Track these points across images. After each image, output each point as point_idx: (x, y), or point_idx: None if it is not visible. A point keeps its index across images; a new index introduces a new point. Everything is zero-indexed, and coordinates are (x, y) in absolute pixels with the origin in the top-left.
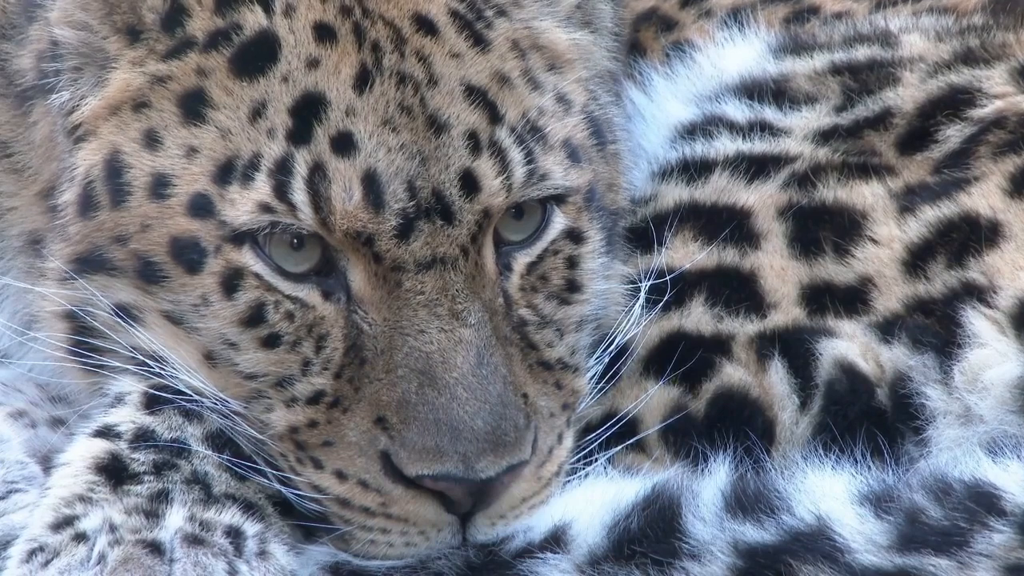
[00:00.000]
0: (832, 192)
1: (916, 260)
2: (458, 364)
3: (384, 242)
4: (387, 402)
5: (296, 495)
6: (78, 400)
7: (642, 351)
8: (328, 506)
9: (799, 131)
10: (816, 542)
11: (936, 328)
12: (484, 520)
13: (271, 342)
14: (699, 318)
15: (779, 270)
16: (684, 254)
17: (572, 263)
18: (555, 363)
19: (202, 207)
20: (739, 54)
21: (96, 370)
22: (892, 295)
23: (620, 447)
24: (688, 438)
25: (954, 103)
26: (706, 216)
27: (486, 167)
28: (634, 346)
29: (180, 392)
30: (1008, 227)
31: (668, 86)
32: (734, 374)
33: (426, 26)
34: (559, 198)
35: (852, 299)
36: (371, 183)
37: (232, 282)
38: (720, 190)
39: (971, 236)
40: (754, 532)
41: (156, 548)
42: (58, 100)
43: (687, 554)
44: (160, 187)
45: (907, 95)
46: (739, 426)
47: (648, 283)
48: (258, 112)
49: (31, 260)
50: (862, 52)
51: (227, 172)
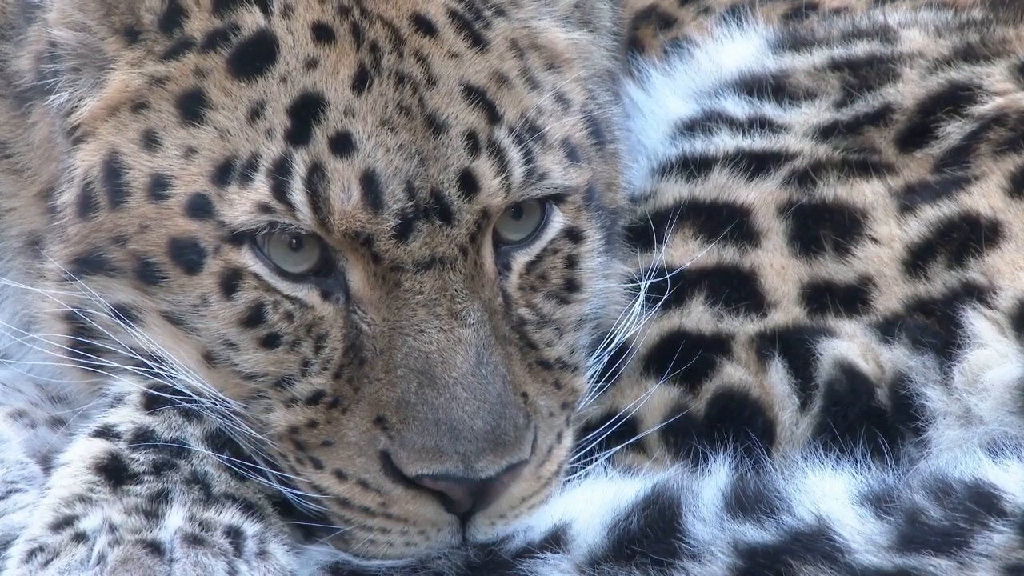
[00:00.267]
0: (832, 190)
1: (916, 260)
2: (457, 364)
3: (383, 242)
4: (386, 402)
5: (296, 495)
6: (78, 400)
7: (642, 350)
8: (328, 506)
9: (799, 127)
10: (816, 542)
11: (936, 328)
12: (484, 520)
13: (270, 342)
14: (699, 317)
15: (779, 269)
16: (684, 252)
17: (571, 262)
18: (554, 362)
19: (201, 208)
20: (738, 50)
21: (95, 370)
22: (892, 295)
23: (620, 447)
24: (688, 438)
25: (954, 100)
26: (706, 214)
27: (485, 167)
28: (634, 345)
29: (179, 392)
30: (1008, 227)
31: (666, 82)
32: (734, 374)
33: (425, 26)
34: (558, 197)
35: (852, 298)
36: (370, 183)
37: (231, 282)
38: (720, 187)
39: (971, 236)
40: (754, 532)
41: (156, 548)
42: (56, 101)
43: (687, 554)
44: (159, 188)
45: (907, 91)
46: (739, 426)
47: (648, 281)
48: (256, 112)
49: (30, 261)
50: (861, 48)
51: (226, 172)
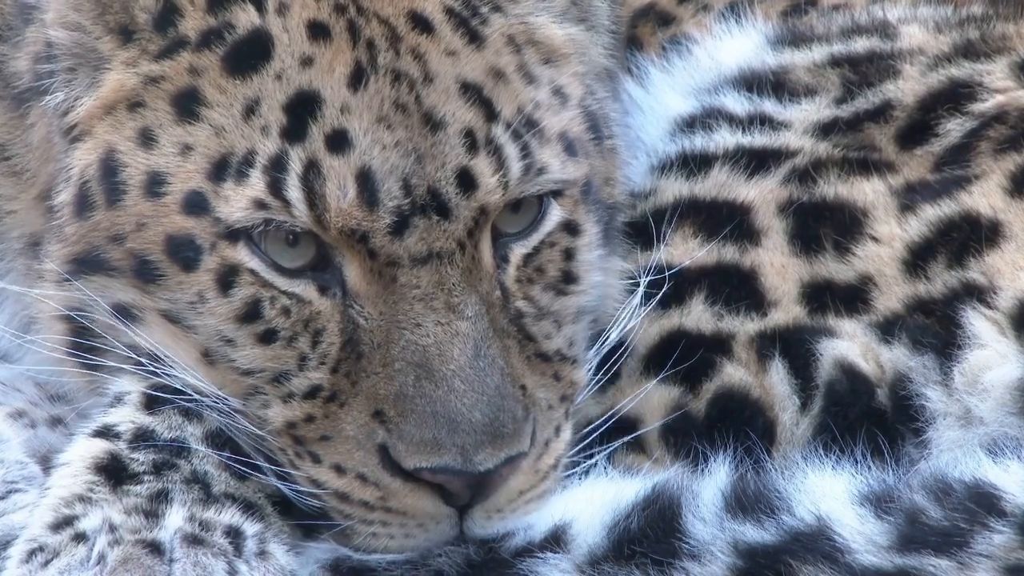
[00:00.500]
0: (833, 188)
1: (917, 259)
2: (455, 356)
3: (378, 239)
4: (384, 395)
5: (295, 492)
6: (77, 400)
7: (642, 350)
8: (327, 501)
9: (799, 124)
10: (816, 542)
11: (936, 328)
12: (481, 513)
13: (268, 338)
14: (699, 316)
15: (779, 267)
16: (684, 251)
17: (568, 255)
18: (553, 355)
19: (197, 204)
20: (737, 46)
21: (95, 370)
22: (892, 294)
23: (620, 447)
24: (688, 438)
25: (955, 97)
26: (706, 212)
27: (483, 165)
28: (634, 345)
29: (179, 391)
30: (1008, 227)
31: (665, 79)
32: (735, 374)
33: (421, 24)
34: (556, 192)
35: (852, 298)
36: (366, 181)
37: (228, 279)
38: (720, 185)
39: (971, 236)
40: (754, 532)
41: (156, 548)
42: (53, 101)
43: (687, 554)
44: (155, 185)
45: (907, 88)
46: (739, 426)
47: (647, 278)
48: (252, 109)
49: (30, 262)
50: (861, 44)
51: (222, 169)
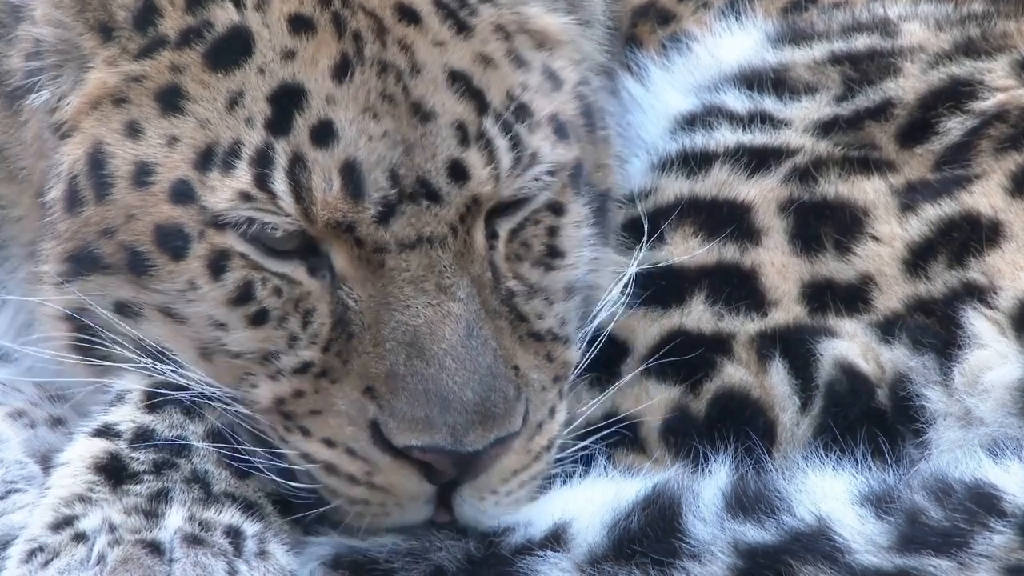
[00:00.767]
0: (833, 187)
1: (917, 259)
2: (446, 336)
3: (364, 228)
4: (375, 374)
5: (291, 484)
6: (78, 399)
7: (642, 350)
8: (316, 475)
9: (799, 122)
10: (816, 542)
11: (936, 328)
12: (472, 492)
13: (259, 319)
14: (699, 316)
15: (780, 267)
16: (684, 250)
17: (552, 232)
18: (545, 334)
19: (183, 193)
20: (737, 44)
21: (99, 369)
22: (893, 294)
23: (620, 446)
24: (688, 438)
25: (955, 95)
26: (706, 211)
27: (475, 157)
28: (634, 344)
29: (181, 388)
30: (1009, 227)
31: (665, 76)
32: (735, 374)
33: (408, 15)
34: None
35: (853, 298)
36: (351, 173)
37: (219, 264)
38: (720, 184)
39: (972, 236)
40: (754, 532)
41: (155, 548)
42: (41, 98)
43: (687, 554)
44: (142, 175)
45: (908, 86)
46: (740, 426)
47: (634, 269)
48: (235, 101)
49: (31, 267)
50: (862, 41)
51: (207, 159)
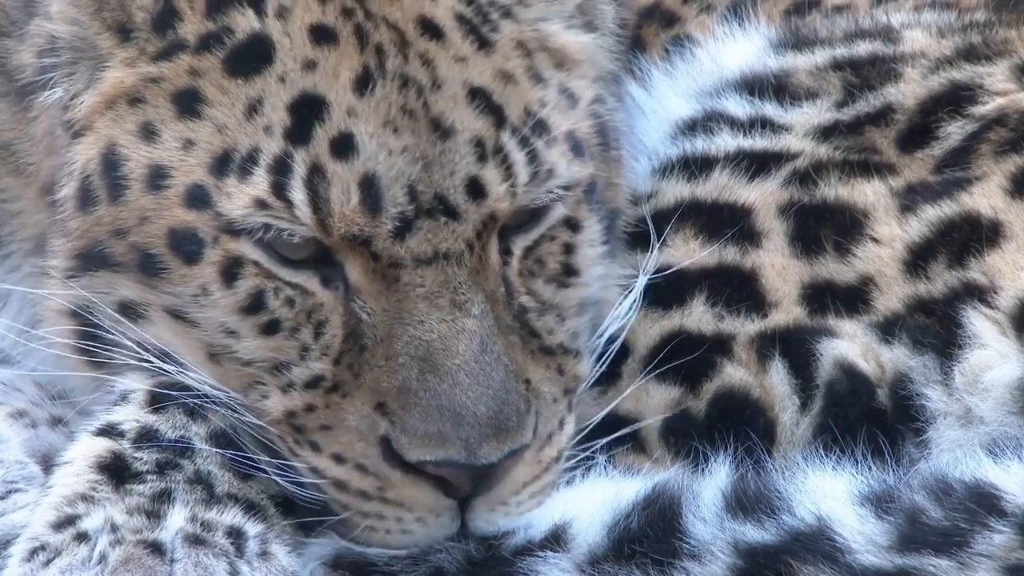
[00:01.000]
0: (833, 190)
1: (917, 260)
2: (460, 351)
3: (381, 242)
4: (387, 388)
5: (295, 485)
6: (80, 398)
7: (643, 350)
8: (326, 490)
9: (800, 127)
10: (816, 542)
11: (937, 328)
12: (484, 505)
13: (271, 328)
14: (700, 317)
15: (780, 269)
16: (685, 252)
17: (568, 249)
18: (556, 348)
19: (198, 198)
20: (739, 49)
21: (101, 367)
22: (893, 295)
23: (620, 446)
24: (688, 438)
25: (956, 100)
26: (707, 214)
27: (492, 174)
28: (635, 345)
29: (185, 389)
30: (1009, 227)
31: (668, 82)
32: (735, 374)
33: (431, 30)
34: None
35: (853, 299)
36: (369, 187)
37: (231, 271)
38: (721, 187)
39: (972, 236)
40: (754, 532)
41: (157, 548)
42: (54, 96)
43: (687, 554)
44: (157, 179)
45: (908, 91)
46: (740, 426)
47: (645, 278)
48: (254, 109)
49: (38, 260)
50: (863, 47)
51: (224, 164)
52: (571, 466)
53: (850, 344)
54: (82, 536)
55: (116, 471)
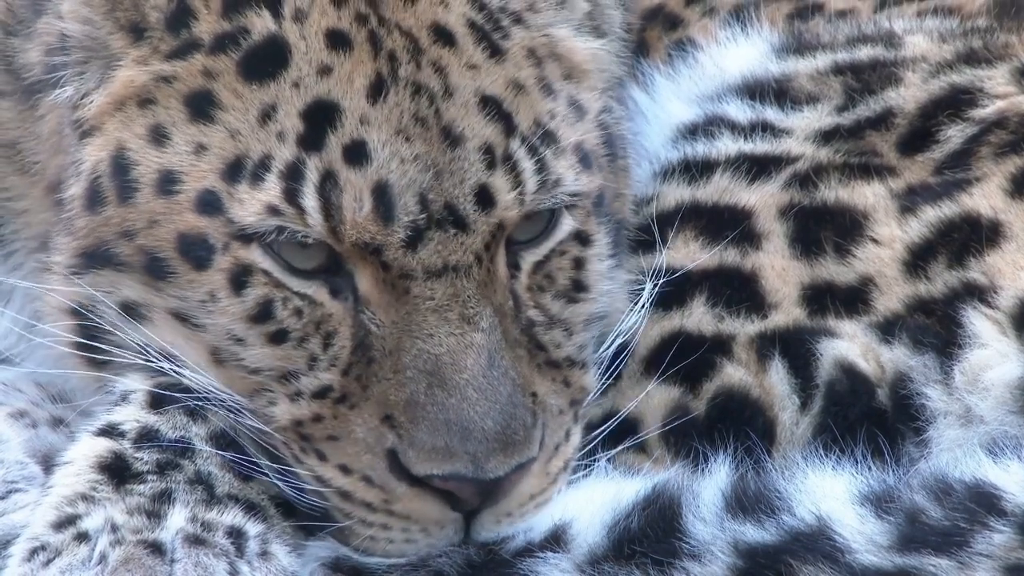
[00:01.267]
0: (833, 192)
1: (917, 260)
2: (468, 366)
3: (392, 252)
4: (395, 401)
5: (298, 494)
6: (81, 398)
7: (643, 351)
8: (330, 499)
9: (801, 131)
10: (816, 542)
11: (937, 328)
12: (490, 517)
13: (278, 338)
14: (700, 318)
15: (780, 270)
16: (685, 254)
17: (578, 264)
18: (563, 361)
19: (210, 204)
20: (742, 54)
21: (102, 366)
22: (893, 295)
23: (621, 447)
24: (688, 438)
25: (956, 103)
26: (707, 216)
27: (501, 181)
28: (635, 346)
29: (186, 389)
30: (1009, 227)
31: (670, 86)
32: (735, 374)
33: (444, 37)
34: (568, 204)
35: (853, 299)
36: (382, 195)
37: (240, 279)
38: (722, 190)
39: (972, 236)
40: (754, 532)
41: (157, 548)
42: (64, 94)
43: (687, 554)
44: (168, 183)
45: (909, 95)
46: (739, 426)
47: (656, 285)
48: (268, 115)
49: (41, 256)
50: (865, 52)
51: (236, 170)
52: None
53: (850, 344)
54: (82, 536)
55: (116, 471)
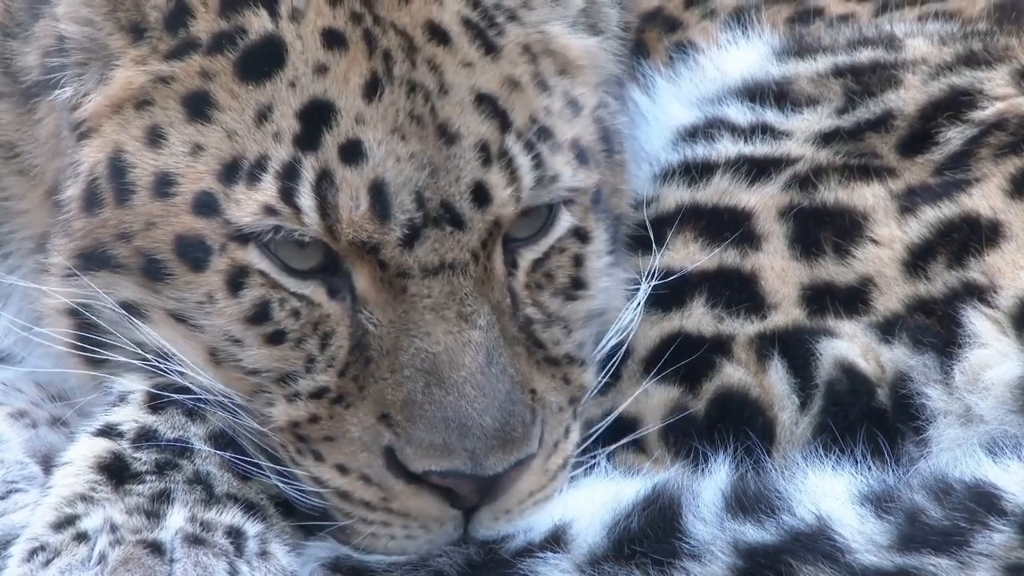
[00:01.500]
0: (833, 193)
1: (917, 260)
2: (466, 363)
3: (389, 250)
4: (392, 400)
5: (297, 493)
6: (80, 396)
7: (643, 351)
8: (328, 499)
9: (800, 133)
10: (816, 542)
11: (937, 328)
12: (488, 515)
13: (276, 339)
14: (700, 319)
15: (780, 271)
16: (685, 255)
17: (578, 261)
18: (562, 359)
19: (207, 205)
20: (742, 56)
21: (100, 367)
22: (893, 295)
23: (620, 447)
24: (688, 438)
25: (955, 105)
26: (707, 217)
27: (497, 178)
28: (635, 347)
29: (184, 390)
30: (1008, 227)
31: (671, 88)
32: (734, 374)
33: (438, 35)
34: (566, 199)
35: (852, 299)
36: (378, 193)
37: (237, 280)
38: (721, 192)
39: (972, 236)
40: (754, 532)
41: (157, 548)
42: (63, 95)
43: (687, 554)
44: (164, 185)
45: (908, 97)
46: (739, 426)
47: (648, 285)
48: (264, 115)
49: (39, 257)
50: (865, 55)
51: (232, 171)
52: (575, 470)
53: (850, 344)
54: (81, 536)
55: (115, 471)
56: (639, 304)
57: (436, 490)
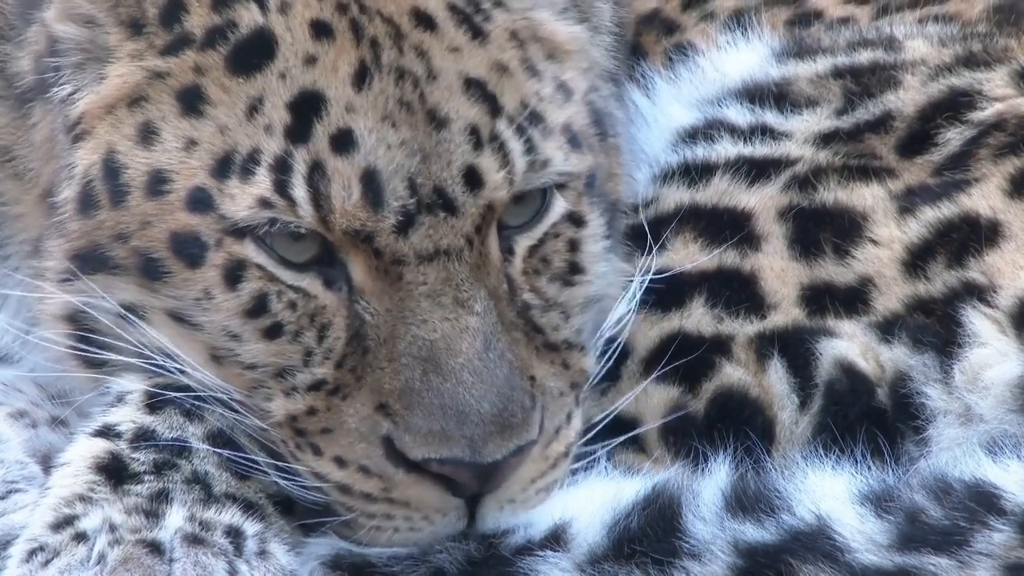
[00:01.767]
0: (832, 194)
1: (916, 260)
2: (463, 350)
3: (383, 238)
4: (390, 389)
5: (298, 489)
6: (80, 398)
7: (642, 351)
8: (329, 493)
9: (800, 134)
10: (816, 541)
11: (936, 328)
12: (493, 503)
13: (273, 332)
14: (699, 319)
15: (779, 271)
16: (685, 255)
17: (573, 246)
18: (561, 344)
19: (201, 201)
20: (742, 58)
21: (98, 368)
22: (892, 295)
23: (620, 446)
24: (688, 438)
25: (954, 106)
26: (707, 218)
27: (488, 162)
28: (634, 347)
29: (184, 389)
30: (1008, 227)
31: (670, 90)
32: (734, 374)
33: (424, 21)
34: (560, 184)
35: (852, 299)
36: (370, 181)
37: (235, 274)
38: (721, 192)
39: (971, 236)
40: (754, 531)
41: (156, 548)
42: (60, 94)
43: (687, 553)
44: (158, 184)
45: (908, 98)
46: (739, 426)
47: (642, 278)
48: (255, 108)
49: (34, 262)
50: (865, 56)
51: (225, 166)
52: (575, 467)
53: (849, 344)
54: (80, 536)
55: (114, 472)
56: (633, 296)
57: (436, 478)
